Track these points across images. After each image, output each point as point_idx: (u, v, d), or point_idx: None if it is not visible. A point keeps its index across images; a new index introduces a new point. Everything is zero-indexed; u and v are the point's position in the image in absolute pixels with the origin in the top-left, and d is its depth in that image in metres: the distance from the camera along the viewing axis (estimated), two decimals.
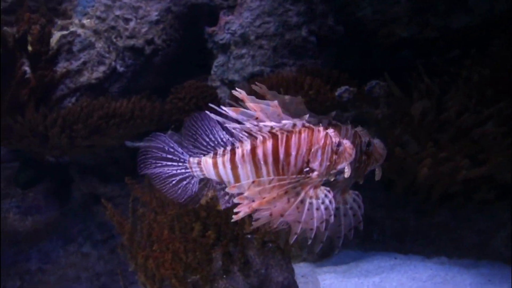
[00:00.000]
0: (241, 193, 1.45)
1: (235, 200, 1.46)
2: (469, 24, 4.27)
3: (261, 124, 1.44)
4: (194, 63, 4.43)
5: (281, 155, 1.48)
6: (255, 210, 1.43)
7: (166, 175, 1.69)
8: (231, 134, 1.59)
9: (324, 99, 3.01)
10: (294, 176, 1.45)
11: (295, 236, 1.43)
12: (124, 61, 4.00)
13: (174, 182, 1.68)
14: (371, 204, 3.87)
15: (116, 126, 2.90)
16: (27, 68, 3.48)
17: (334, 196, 1.46)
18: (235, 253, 2.11)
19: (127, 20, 3.94)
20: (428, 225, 3.70)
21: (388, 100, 3.66)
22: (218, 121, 1.53)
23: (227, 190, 1.52)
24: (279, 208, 1.43)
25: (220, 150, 1.59)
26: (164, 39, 4.03)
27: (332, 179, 1.53)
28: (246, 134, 1.53)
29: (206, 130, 1.63)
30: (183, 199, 1.71)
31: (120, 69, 4.00)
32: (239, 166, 1.54)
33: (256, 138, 1.52)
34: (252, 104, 1.43)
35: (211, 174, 1.61)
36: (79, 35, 3.95)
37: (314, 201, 1.45)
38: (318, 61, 4.10)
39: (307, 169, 1.48)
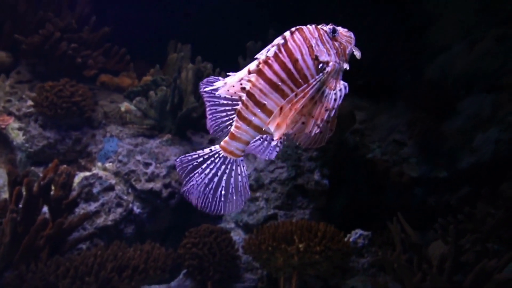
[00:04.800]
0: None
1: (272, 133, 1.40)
2: (476, 164, 4.40)
3: (258, 56, 1.43)
4: None
5: (290, 65, 1.42)
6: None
7: (208, 180, 1.51)
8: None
9: (339, 246, 2.98)
10: (313, 80, 1.41)
11: (316, 129, 1.40)
12: (141, 203, 4.10)
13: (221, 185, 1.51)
14: None
15: (128, 279, 2.87)
16: (47, 213, 3.57)
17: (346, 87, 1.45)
18: None
19: (147, 165, 4.14)
20: None
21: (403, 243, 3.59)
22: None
23: (265, 129, 1.42)
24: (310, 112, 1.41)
25: (240, 105, 1.47)
26: (181, 183, 4.18)
27: (348, 68, 1.49)
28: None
29: (216, 96, 1.49)
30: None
31: (137, 210, 4.09)
32: (265, 102, 1.43)
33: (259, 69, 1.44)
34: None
35: (251, 133, 1.47)
36: (100, 177, 4.13)
37: (331, 92, 1.43)
38: (331, 202, 4.17)
39: (321, 65, 1.44)
